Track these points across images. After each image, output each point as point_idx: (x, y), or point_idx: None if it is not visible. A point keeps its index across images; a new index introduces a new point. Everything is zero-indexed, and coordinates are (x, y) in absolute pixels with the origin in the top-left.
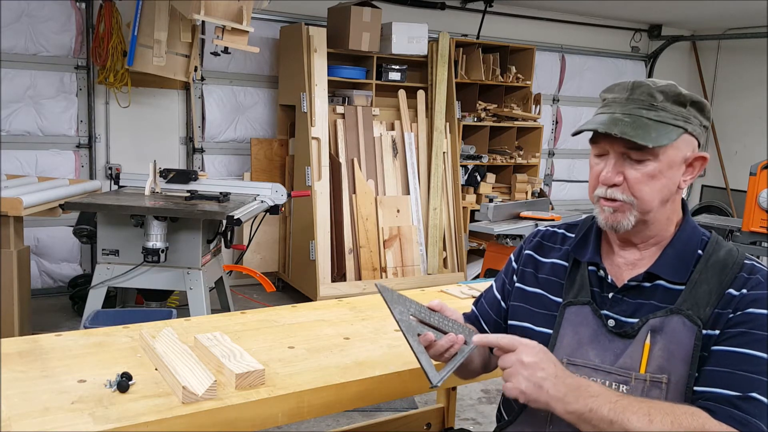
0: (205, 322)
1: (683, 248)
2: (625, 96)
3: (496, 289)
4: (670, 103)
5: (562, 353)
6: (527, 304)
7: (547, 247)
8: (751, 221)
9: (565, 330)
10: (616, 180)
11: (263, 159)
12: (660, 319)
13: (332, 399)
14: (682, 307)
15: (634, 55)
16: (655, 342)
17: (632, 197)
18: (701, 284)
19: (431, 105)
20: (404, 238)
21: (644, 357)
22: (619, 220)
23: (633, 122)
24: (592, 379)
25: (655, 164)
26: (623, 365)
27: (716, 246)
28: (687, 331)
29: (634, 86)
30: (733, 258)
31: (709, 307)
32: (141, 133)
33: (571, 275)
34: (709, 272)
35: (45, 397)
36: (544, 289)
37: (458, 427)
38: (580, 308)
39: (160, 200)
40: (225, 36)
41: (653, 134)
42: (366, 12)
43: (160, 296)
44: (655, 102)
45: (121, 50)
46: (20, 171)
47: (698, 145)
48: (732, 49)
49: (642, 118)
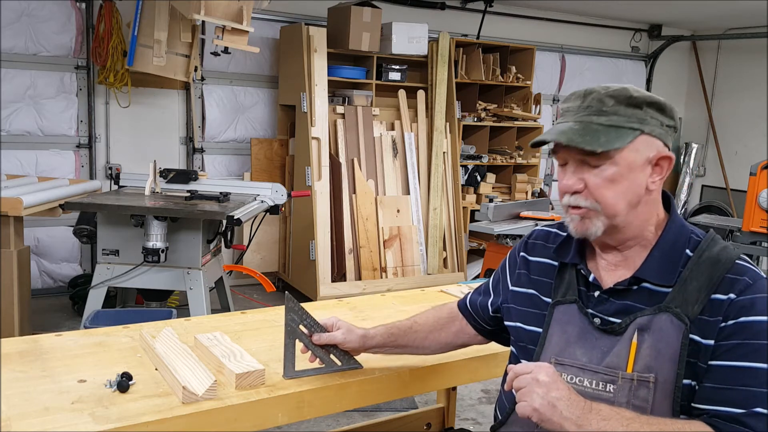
0: (205, 322)
1: (669, 250)
2: (577, 104)
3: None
4: (623, 106)
5: (551, 353)
6: (520, 304)
7: (539, 246)
8: (751, 221)
9: (554, 329)
10: (576, 187)
11: (263, 159)
12: (648, 317)
13: (332, 399)
14: (671, 304)
15: (634, 55)
16: (643, 340)
17: (595, 203)
18: (691, 281)
19: (431, 105)
20: (404, 238)
21: (631, 356)
22: (587, 227)
23: (582, 129)
24: (579, 378)
25: (614, 168)
26: (610, 364)
27: (711, 243)
28: (674, 329)
29: (586, 93)
30: (726, 255)
31: (698, 305)
32: (141, 133)
33: (560, 274)
34: (700, 268)
35: (45, 397)
36: (535, 288)
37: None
38: (567, 307)
39: (160, 200)
40: (225, 36)
41: (602, 139)
42: (366, 12)
43: (160, 296)
44: (604, 107)
45: (121, 50)
46: (20, 171)
47: (665, 145)
48: (732, 49)
49: (592, 124)
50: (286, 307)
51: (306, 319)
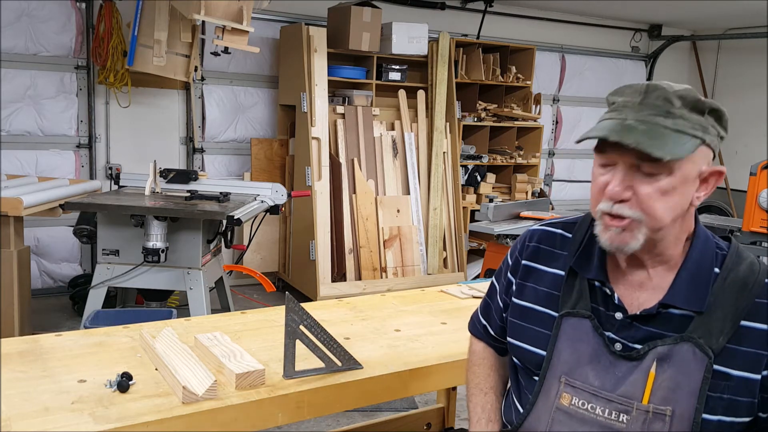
0: (205, 322)
1: (697, 270)
2: (638, 100)
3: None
4: (688, 110)
5: (559, 371)
6: (525, 321)
7: (545, 252)
8: (751, 221)
9: (563, 344)
10: (624, 195)
11: (263, 159)
12: (668, 347)
13: (332, 399)
14: (694, 334)
15: (634, 55)
16: (662, 371)
17: (642, 213)
18: (716, 309)
19: (431, 105)
20: (404, 238)
21: (648, 387)
22: (627, 242)
23: (649, 130)
24: (591, 405)
25: (669, 179)
26: (625, 393)
27: (736, 260)
28: (697, 361)
29: (649, 89)
30: (754, 276)
31: (723, 336)
32: (141, 133)
33: (569, 282)
34: (726, 294)
35: (45, 397)
36: (543, 305)
37: (458, 427)
38: (579, 321)
39: (160, 200)
40: (225, 36)
41: (670, 145)
42: (366, 12)
43: (160, 296)
44: (672, 108)
45: (121, 50)
46: (20, 171)
47: (713, 158)
48: (732, 49)
49: (658, 125)
50: (287, 308)
51: (306, 320)
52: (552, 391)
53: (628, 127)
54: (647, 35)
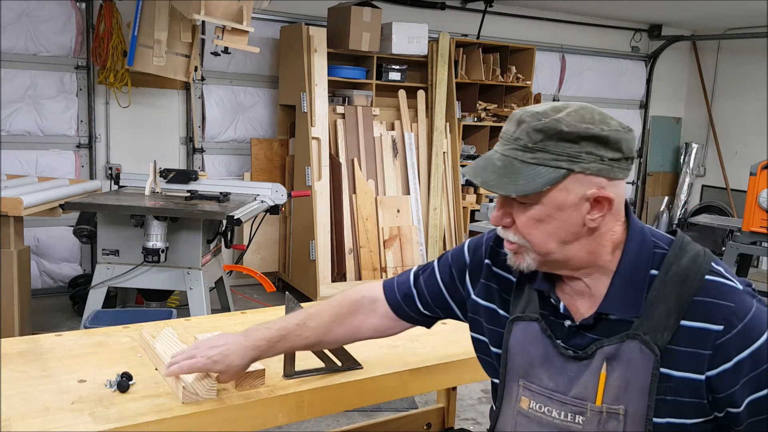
0: (205, 322)
1: (631, 276)
2: (510, 131)
3: (440, 280)
4: (552, 142)
5: (516, 375)
6: (485, 320)
7: (503, 257)
8: (751, 221)
9: (514, 349)
10: (504, 222)
11: (263, 159)
12: (615, 346)
13: (332, 399)
14: (639, 331)
15: (634, 55)
16: (612, 371)
17: (524, 240)
18: (658, 304)
19: (431, 105)
20: (404, 238)
21: (600, 387)
22: (519, 263)
23: (504, 167)
24: (548, 408)
25: (540, 207)
26: (578, 395)
27: (678, 253)
28: (644, 359)
29: (519, 121)
30: (695, 270)
31: (667, 332)
32: (141, 133)
33: (519, 288)
34: (667, 288)
35: (45, 397)
36: (499, 305)
37: (458, 427)
38: (527, 324)
39: (160, 200)
40: (225, 36)
41: (521, 181)
42: (366, 12)
43: (160, 296)
44: (530, 143)
45: (121, 50)
46: (20, 171)
47: (610, 180)
48: (732, 49)
49: (515, 161)
50: (287, 308)
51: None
52: (513, 395)
53: (487, 164)
54: (647, 35)
